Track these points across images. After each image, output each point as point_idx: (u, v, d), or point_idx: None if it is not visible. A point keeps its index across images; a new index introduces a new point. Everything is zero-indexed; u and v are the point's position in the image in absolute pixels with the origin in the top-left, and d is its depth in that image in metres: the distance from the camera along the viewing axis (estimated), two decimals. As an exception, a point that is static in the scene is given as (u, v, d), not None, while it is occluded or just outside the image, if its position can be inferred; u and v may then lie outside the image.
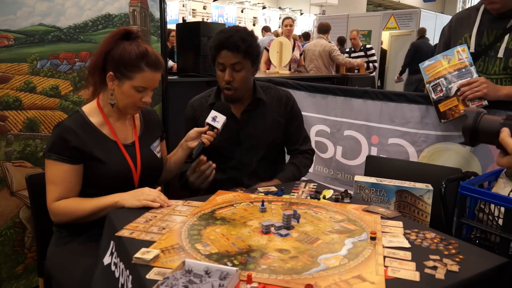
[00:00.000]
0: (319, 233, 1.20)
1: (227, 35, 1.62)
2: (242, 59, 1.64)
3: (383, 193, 1.60)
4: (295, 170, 1.85)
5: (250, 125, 1.80)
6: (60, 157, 1.42)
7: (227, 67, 1.65)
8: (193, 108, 1.84)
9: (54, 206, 1.44)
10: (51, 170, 1.44)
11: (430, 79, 2.02)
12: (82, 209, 1.42)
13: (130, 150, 1.54)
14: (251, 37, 1.67)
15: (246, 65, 1.67)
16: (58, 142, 1.43)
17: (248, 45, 1.63)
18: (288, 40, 5.00)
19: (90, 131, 1.48)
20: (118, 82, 1.45)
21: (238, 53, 1.62)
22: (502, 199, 1.34)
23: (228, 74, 1.66)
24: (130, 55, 1.42)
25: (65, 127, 1.44)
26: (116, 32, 1.48)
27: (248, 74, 1.70)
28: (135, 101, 1.47)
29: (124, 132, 1.56)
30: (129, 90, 1.44)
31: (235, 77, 1.66)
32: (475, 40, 1.95)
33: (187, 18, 14.21)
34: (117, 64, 1.43)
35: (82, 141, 1.44)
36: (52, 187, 1.44)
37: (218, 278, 0.90)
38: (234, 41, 1.61)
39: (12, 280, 2.02)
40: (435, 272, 0.99)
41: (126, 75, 1.43)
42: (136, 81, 1.43)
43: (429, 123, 2.14)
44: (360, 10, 15.20)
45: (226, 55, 1.63)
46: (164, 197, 1.41)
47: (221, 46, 1.63)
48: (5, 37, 1.84)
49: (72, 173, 1.44)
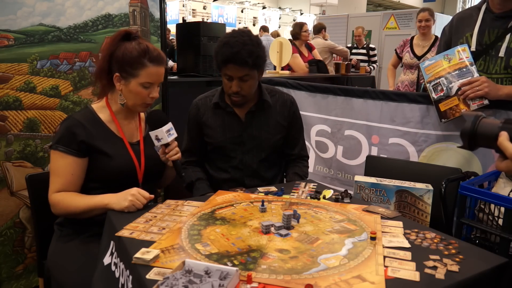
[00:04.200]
0: (319, 233, 1.20)
1: (235, 50, 1.58)
2: (250, 71, 1.63)
3: (383, 193, 1.60)
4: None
5: (254, 126, 1.80)
6: (67, 149, 1.44)
7: (234, 78, 1.65)
8: (197, 107, 1.84)
9: (52, 197, 1.46)
10: (56, 161, 1.46)
11: (431, 79, 2.02)
12: (74, 205, 1.43)
13: (135, 148, 1.57)
14: (258, 47, 1.64)
15: (253, 75, 1.67)
16: (66, 135, 1.45)
17: (256, 57, 1.62)
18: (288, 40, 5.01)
19: (98, 126, 1.51)
20: (125, 81, 1.48)
21: (246, 67, 1.61)
22: (502, 199, 1.34)
23: (235, 85, 1.66)
24: (132, 54, 1.45)
25: (74, 120, 1.47)
26: (116, 35, 1.51)
27: (255, 82, 1.71)
28: (144, 98, 1.50)
29: (130, 130, 1.59)
30: (136, 87, 1.47)
31: (243, 87, 1.66)
32: (476, 39, 1.95)
33: (187, 18, 14.21)
34: (122, 64, 1.46)
35: (90, 135, 1.47)
36: (55, 178, 1.46)
37: (218, 278, 0.90)
38: (242, 57, 1.58)
39: (12, 280, 2.02)
40: (435, 272, 0.99)
41: (131, 74, 1.46)
42: (141, 77, 1.46)
43: (429, 122, 2.14)
44: (360, 10, 15.19)
45: (234, 68, 1.62)
46: (144, 192, 1.39)
47: (228, 60, 1.61)
48: (5, 37, 1.84)
49: (76, 166, 1.46)
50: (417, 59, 4.08)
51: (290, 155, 1.93)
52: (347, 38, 9.74)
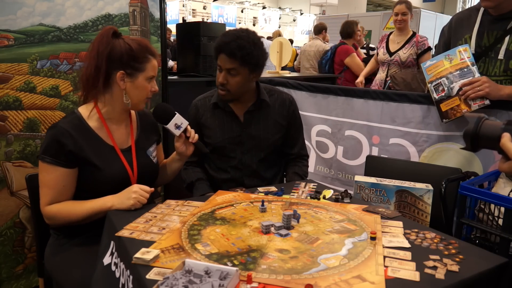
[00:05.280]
0: (319, 233, 1.20)
1: (227, 39, 1.62)
2: (239, 66, 1.64)
3: (383, 193, 1.60)
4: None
5: (253, 126, 1.80)
6: (55, 160, 1.39)
7: (223, 70, 1.67)
8: (196, 107, 1.85)
9: (46, 210, 1.43)
10: (45, 173, 1.41)
11: (432, 79, 2.02)
12: (75, 214, 1.41)
13: (127, 155, 1.52)
14: (252, 45, 1.63)
15: (242, 72, 1.66)
16: (53, 145, 1.39)
17: (246, 54, 1.62)
18: (288, 40, 5.01)
19: (86, 134, 1.45)
20: (131, 78, 1.45)
21: (234, 60, 1.62)
22: (502, 199, 1.34)
23: (222, 76, 1.67)
24: (136, 49, 1.44)
25: (61, 129, 1.40)
26: (105, 33, 1.44)
27: (243, 80, 1.68)
28: (148, 92, 1.50)
29: (121, 136, 1.54)
30: (143, 82, 1.47)
31: (230, 81, 1.67)
32: (475, 42, 1.95)
33: (187, 18, 14.23)
34: (126, 61, 1.43)
35: (78, 145, 1.41)
36: (46, 190, 1.42)
37: (218, 278, 0.90)
38: (231, 48, 1.61)
39: (12, 280, 2.02)
40: (435, 272, 0.99)
41: (138, 68, 1.45)
42: (148, 71, 1.47)
43: (430, 123, 2.14)
44: (360, 10, 15.19)
45: (223, 58, 1.65)
46: (144, 186, 1.40)
47: (219, 49, 1.65)
48: (5, 37, 1.84)
49: (66, 177, 1.42)
50: (389, 56, 3.66)
51: (290, 154, 1.93)
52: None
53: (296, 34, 18.29)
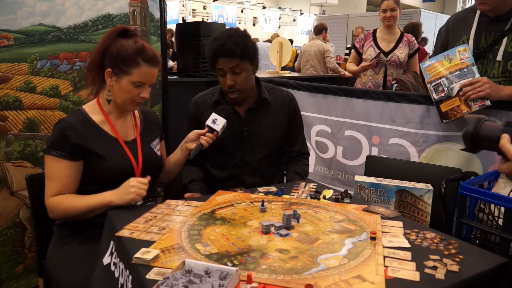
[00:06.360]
0: (319, 233, 1.20)
1: (221, 42, 1.62)
2: (240, 62, 1.65)
3: (383, 193, 1.60)
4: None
5: (254, 124, 1.80)
6: (60, 153, 1.43)
7: (227, 72, 1.67)
8: (197, 105, 1.85)
9: (50, 201, 1.45)
10: (50, 166, 1.45)
11: (431, 79, 2.02)
12: (74, 207, 1.42)
13: (131, 147, 1.55)
14: (245, 38, 1.67)
15: (245, 66, 1.67)
16: (59, 139, 1.43)
17: (243, 47, 1.63)
18: (288, 40, 5.01)
19: (91, 128, 1.49)
20: (116, 78, 1.46)
21: (235, 58, 1.63)
22: (502, 199, 1.34)
23: (229, 78, 1.67)
24: (127, 51, 1.44)
25: (66, 123, 1.45)
26: (113, 30, 1.49)
27: (248, 75, 1.71)
28: (133, 97, 1.48)
29: (125, 129, 1.58)
30: (127, 85, 1.46)
31: (237, 80, 1.67)
32: (473, 43, 1.95)
33: (187, 18, 14.23)
34: (115, 60, 1.44)
35: (83, 138, 1.45)
36: (50, 182, 1.45)
37: (218, 278, 0.90)
38: (229, 47, 1.61)
39: (12, 280, 2.02)
40: (435, 272, 0.99)
41: (124, 71, 1.45)
42: (134, 76, 1.45)
43: (430, 123, 2.14)
44: (360, 10, 15.17)
45: (224, 61, 1.65)
46: (140, 179, 1.42)
47: (217, 54, 1.64)
48: (5, 37, 1.84)
49: (71, 169, 1.45)
50: (384, 55, 3.29)
51: (291, 152, 1.93)
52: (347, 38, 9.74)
53: (296, 34, 18.29)
